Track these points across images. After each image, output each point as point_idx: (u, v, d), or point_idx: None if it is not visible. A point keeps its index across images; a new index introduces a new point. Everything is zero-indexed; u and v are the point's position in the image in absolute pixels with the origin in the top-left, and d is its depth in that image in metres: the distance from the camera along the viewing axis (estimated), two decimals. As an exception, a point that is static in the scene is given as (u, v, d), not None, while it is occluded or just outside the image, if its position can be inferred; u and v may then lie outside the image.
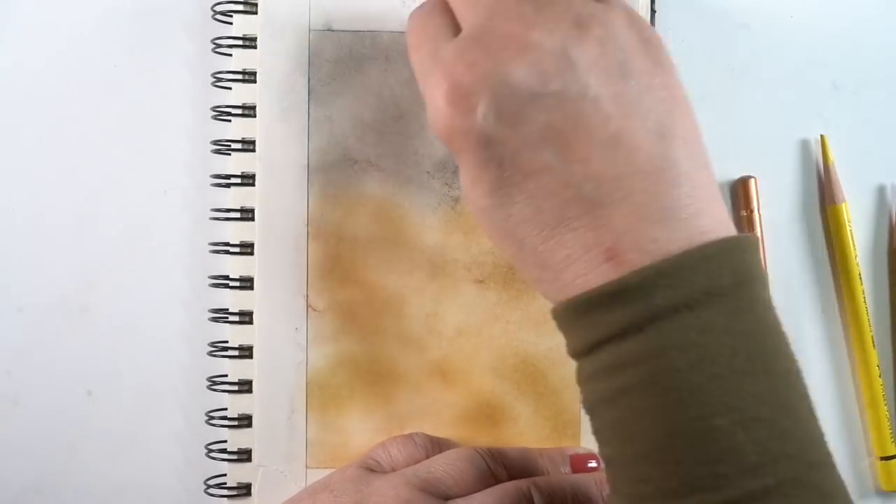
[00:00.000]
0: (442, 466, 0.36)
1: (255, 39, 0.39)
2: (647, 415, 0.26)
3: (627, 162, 0.27)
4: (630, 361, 0.26)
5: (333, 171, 0.39)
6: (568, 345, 0.29)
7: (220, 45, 0.40)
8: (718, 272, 0.26)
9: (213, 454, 0.40)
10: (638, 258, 0.26)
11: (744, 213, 0.41)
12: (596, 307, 0.27)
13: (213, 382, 0.40)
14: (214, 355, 0.40)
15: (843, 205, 0.41)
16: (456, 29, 0.29)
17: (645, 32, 0.29)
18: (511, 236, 0.28)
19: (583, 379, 0.28)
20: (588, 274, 0.27)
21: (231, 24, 0.40)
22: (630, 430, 0.27)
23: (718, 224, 0.27)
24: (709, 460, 0.25)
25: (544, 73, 0.27)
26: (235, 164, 0.40)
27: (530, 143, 0.27)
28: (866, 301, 0.41)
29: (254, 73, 0.39)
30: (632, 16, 0.29)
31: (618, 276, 0.26)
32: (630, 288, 0.26)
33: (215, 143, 0.40)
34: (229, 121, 0.40)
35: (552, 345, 0.39)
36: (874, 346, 0.41)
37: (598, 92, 0.27)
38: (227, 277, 0.40)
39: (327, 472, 0.39)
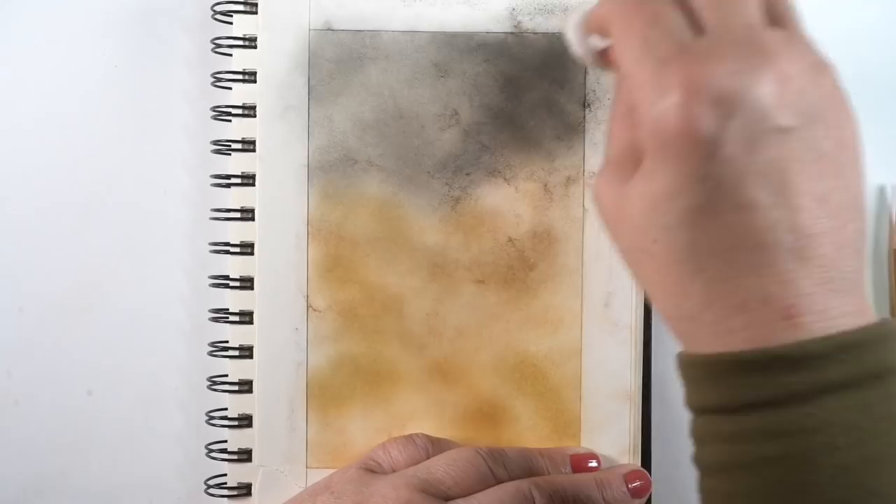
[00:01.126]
0: (442, 467, 0.36)
1: (255, 39, 0.39)
2: (796, 488, 0.26)
3: (828, 224, 0.26)
4: (787, 431, 0.26)
5: (334, 171, 0.39)
6: (698, 395, 0.28)
7: (220, 45, 0.40)
8: (886, 355, 0.26)
9: (213, 454, 0.40)
10: (817, 325, 0.26)
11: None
12: (761, 366, 0.26)
13: (214, 382, 0.40)
14: (214, 355, 0.40)
15: (843, 205, 0.41)
16: (694, 26, 0.27)
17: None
18: (682, 263, 0.27)
19: (712, 436, 0.27)
20: (761, 328, 0.26)
21: (231, 24, 0.40)
22: (770, 500, 0.26)
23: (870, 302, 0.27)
24: None
25: (795, 108, 0.26)
26: (235, 164, 0.40)
27: (756, 174, 0.26)
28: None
29: (254, 73, 0.39)
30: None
31: (795, 340, 0.26)
32: (808, 356, 0.25)
33: (215, 143, 0.40)
34: (229, 121, 0.40)
35: (552, 345, 0.39)
36: (874, 345, 0.41)
37: (826, 144, 0.26)
38: (227, 277, 0.40)
39: (327, 472, 0.39)
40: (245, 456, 0.39)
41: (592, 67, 0.35)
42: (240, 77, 0.39)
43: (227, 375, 0.40)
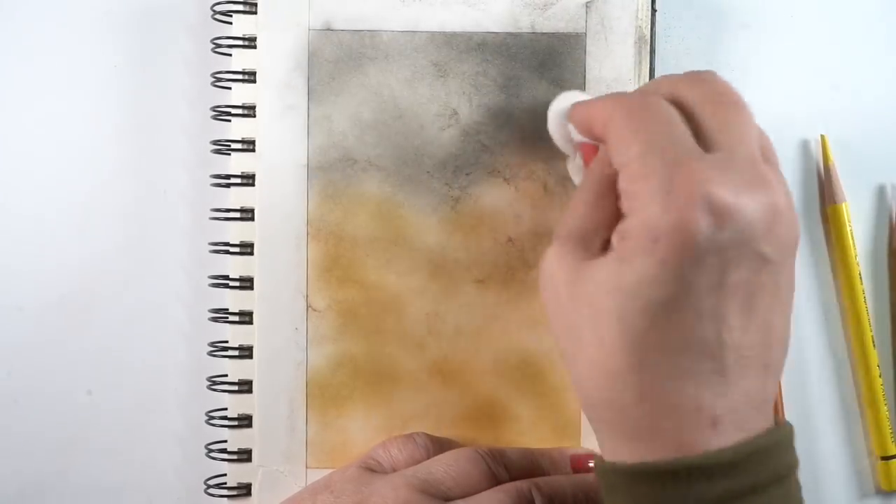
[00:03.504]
0: (442, 467, 0.36)
1: (254, 39, 0.39)
2: None
3: (763, 347, 0.28)
4: None
5: (333, 171, 0.39)
6: (613, 501, 0.29)
7: (219, 45, 0.40)
8: (788, 455, 0.29)
9: (213, 454, 0.40)
10: (735, 435, 0.28)
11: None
12: (681, 477, 0.27)
13: (213, 382, 0.40)
14: (214, 355, 0.40)
15: (843, 205, 0.41)
16: (702, 142, 0.29)
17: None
18: (628, 353, 0.28)
19: None
20: (688, 434, 0.28)
21: (231, 24, 0.40)
22: None
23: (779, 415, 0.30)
24: None
25: (777, 239, 0.28)
26: (235, 164, 0.40)
27: (725, 290, 0.27)
28: (866, 301, 0.41)
29: (254, 73, 0.39)
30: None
31: (717, 448, 0.27)
32: (723, 464, 0.27)
33: (215, 143, 0.40)
34: (229, 121, 0.40)
35: (552, 345, 0.39)
36: (874, 346, 0.41)
37: (785, 280, 0.29)
38: (227, 277, 0.40)
39: (327, 472, 0.39)
40: (245, 456, 0.39)
41: (566, 152, 0.36)
42: (239, 77, 0.40)
43: (226, 375, 0.40)
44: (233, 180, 0.40)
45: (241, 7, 0.39)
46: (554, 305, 0.31)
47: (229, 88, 0.40)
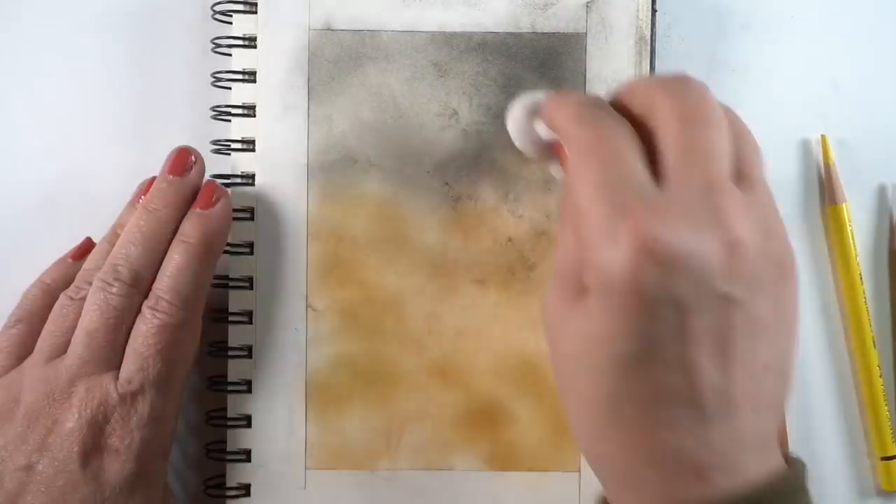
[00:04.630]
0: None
1: (254, 39, 0.39)
2: None
3: (754, 388, 0.27)
4: None
5: (333, 171, 0.39)
6: None
7: (219, 45, 0.40)
8: (793, 500, 0.27)
9: (212, 454, 0.40)
10: (726, 481, 0.26)
11: (744, 213, 0.41)
12: None
13: (213, 382, 0.40)
14: (214, 355, 0.40)
15: (844, 205, 0.41)
16: (657, 172, 0.27)
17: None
18: (603, 407, 0.27)
19: None
20: (671, 482, 0.27)
21: (230, 23, 0.40)
22: None
23: (784, 450, 0.28)
24: None
25: (740, 276, 0.26)
26: (235, 163, 0.40)
27: (692, 337, 0.26)
28: (866, 301, 0.41)
29: (254, 73, 0.39)
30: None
31: (702, 495, 0.26)
32: None
33: (215, 142, 0.40)
34: (229, 121, 0.40)
35: (552, 345, 0.39)
36: (874, 346, 0.41)
37: (765, 314, 0.27)
38: (226, 277, 0.40)
39: (327, 472, 0.39)
40: (244, 456, 0.39)
41: (536, 160, 0.34)
42: (239, 77, 0.39)
43: (226, 375, 0.40)
44: (233, 180, 0.39)
45: (240, 7, 0.39)
46: (549, 344, 0.30)
47: (229, 88, 0.40)
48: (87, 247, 0.39)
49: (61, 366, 0.35)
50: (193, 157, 0.38)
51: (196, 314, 0.37)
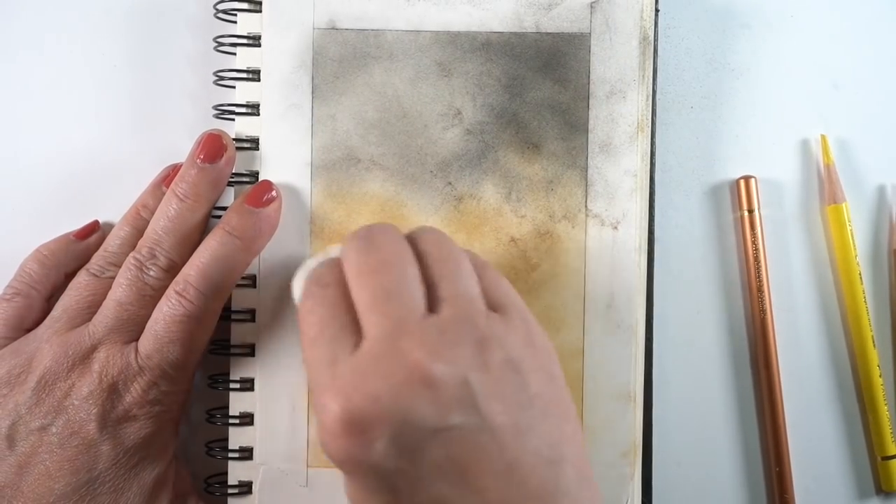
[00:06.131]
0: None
1: (258, 38, 0.39)
2: None
3: (520, 490, 0.27)
4: None
5: (336, 170, 0.39)
6: None
7: (223, 44, 0.40)
8: None
9: (214, 452, 0.40)
10: None
11: (744, 213, 0.41)
12: None
13: (215, 380, 0.40)
14: (216, 353, 0.40)
15: (844, 205, 0.41)
16: (356, 329, 0.28)
17: (540, 344, 0.30)
18: None
19: None
20: None
21: (234, 22, 0.40)
22: None
23: None
24: None
25: (446, 408, 0.27)
26: (239, 162, 0.40)
27: (428, 476, 0.27)
28: (866, 301, 0.41)
29: (257, 72, 0.39)
30: (529, 328, 0.30)
31: None
32: None
33: (218, 141, 0.40)
34: (233, 119, 0.40)
35: (554, 345, 0.39)
36: (874, 346, 0.41)
37: (496, 422, 0.27)
38: (229, 275, 0.40)
39: (328, 471, 0.39)
40: (246, 454, 0.39)
41: None
42: (243, 75, 0.40)
43: (228, 374, 0.40)
44: (237, 178, 0.39)
45: (245, 5, 0.40)
46: None
47: (233, 87, 0.40)
48: (93, 228, 0.40)
49: (84, 332, 0.36)
50: (225, 143, 0.38)
51: (218, 305, 0.37)
